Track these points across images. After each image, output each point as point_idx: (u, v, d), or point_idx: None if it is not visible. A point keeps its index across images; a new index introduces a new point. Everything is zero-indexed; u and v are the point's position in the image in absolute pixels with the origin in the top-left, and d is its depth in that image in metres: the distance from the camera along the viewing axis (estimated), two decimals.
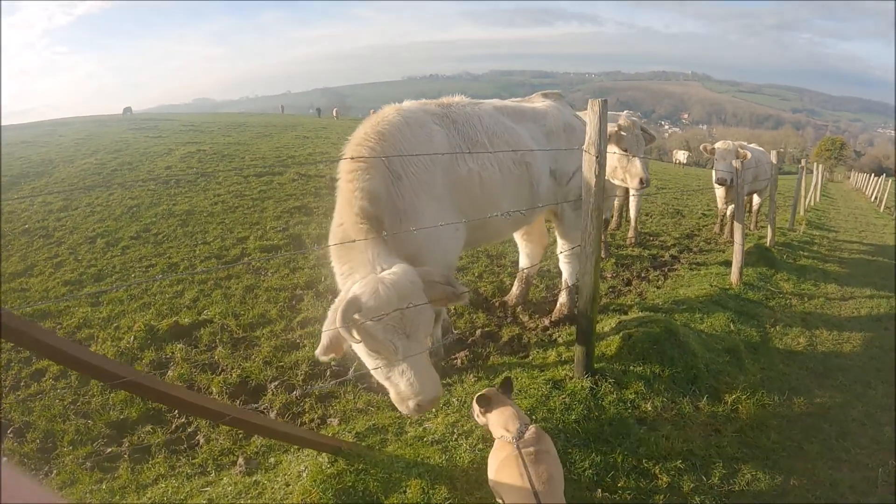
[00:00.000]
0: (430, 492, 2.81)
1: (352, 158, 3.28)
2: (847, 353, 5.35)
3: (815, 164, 28.77)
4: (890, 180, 30.68)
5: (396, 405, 2.89)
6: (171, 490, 3.20)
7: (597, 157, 3.34)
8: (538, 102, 4.84)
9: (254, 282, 6.37)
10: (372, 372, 2.92)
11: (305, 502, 2.74)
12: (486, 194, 3.85)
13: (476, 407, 2.62)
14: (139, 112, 48.44)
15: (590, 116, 3.36)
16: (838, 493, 3.28)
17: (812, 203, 20.21)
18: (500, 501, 2.37)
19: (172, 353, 4.85)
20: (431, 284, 2.92)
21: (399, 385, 2.78)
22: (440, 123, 3.72)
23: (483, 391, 2.63)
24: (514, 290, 5.70)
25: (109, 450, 3.71)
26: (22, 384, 4.55)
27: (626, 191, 8.65)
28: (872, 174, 41.19)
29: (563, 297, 5.28)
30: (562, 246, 5.06)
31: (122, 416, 4.02)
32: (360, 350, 2.83)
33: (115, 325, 5.52)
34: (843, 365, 5.04)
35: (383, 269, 2.88)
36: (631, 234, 9.01)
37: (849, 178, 58.82)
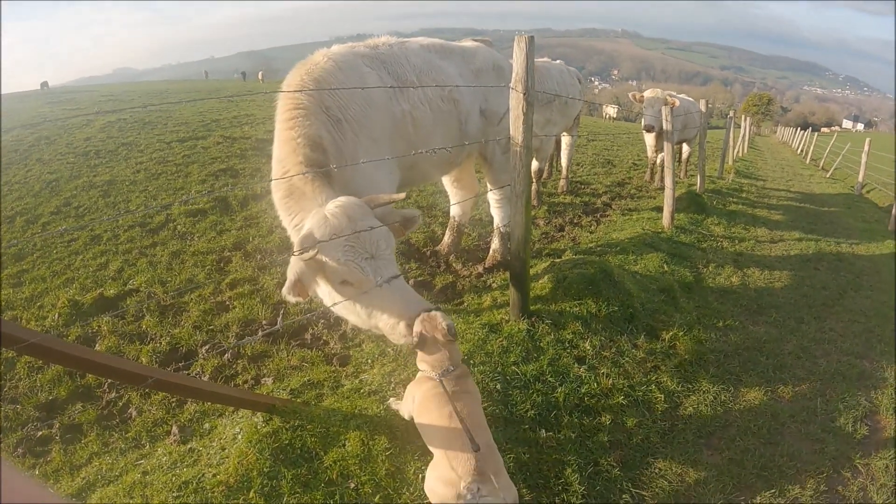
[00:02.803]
0: (370, 443, 2.76)
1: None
2: (779, 290, 5.59)
3: (743, 117, 29.71)
4: (815, 134, 32.02)
5: (391, 339, 2.62)
6: (105, 467, 3.07)
7: (524, 94, 3.26)
8: (467, 43, 4.74)
9: (180, 247, 6.15)
10: (354, 321, 2.74)
11: (242, 464, 2.64)
12: (418, 134, 3.78)
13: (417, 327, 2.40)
14: (57, 86, 45.65)
15: (516, 53, 3.28)
16: (779, 422, 3.41)
17: (740, 154, 20.97)
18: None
19: (99, 326, 4.61)
20: (381, 209, 2.79)
21: (382, 315, 2.56)
22: (370, 65, 3.62)
23: (435, 314, 2.39)
24: (446, 238, 5.69)
25: (40, 433, 3.52)
26: None
27: (558, 141, 8.74)
28: (798, 128, 42.95)
29: (495, 243, 5.29)
30: (492, 191, 5.02)
31: (51, 397, 3.83)
32: (328, 294, 2.66)
33: (38, 304, 5.24)
34: (776, 302, 5.26)
35: None
36: (562, 182, 9.11)
37: (775, 132, 61.27)
